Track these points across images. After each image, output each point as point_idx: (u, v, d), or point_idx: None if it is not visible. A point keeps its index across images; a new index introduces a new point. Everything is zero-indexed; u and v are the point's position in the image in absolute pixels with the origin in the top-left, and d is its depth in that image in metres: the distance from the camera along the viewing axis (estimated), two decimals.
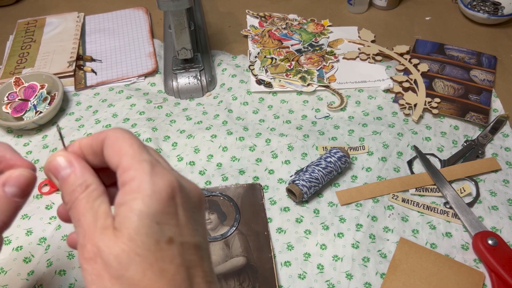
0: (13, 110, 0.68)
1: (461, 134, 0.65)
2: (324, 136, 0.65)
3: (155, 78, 0.76)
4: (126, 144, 0.28)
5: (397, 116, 0.68)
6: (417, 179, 0.59)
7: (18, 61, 0.79)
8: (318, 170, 0.57)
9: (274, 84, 0.73)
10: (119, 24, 0.87)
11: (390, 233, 0.55)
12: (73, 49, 0.80)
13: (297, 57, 0.77)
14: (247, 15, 0.87)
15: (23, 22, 0.88)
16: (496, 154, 0.62)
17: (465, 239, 0.54)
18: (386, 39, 0.81)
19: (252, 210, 0.56)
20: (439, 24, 0.84)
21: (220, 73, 0.76)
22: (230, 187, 0.59)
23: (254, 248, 0.53)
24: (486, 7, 0.84)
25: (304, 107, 0.70)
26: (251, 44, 0.80)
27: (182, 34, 0.67)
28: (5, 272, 0.53)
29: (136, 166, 0.27)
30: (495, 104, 0.69)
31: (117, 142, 0.28)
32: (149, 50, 0.80)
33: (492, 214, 0.56)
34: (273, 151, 0.63)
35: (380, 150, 0.63)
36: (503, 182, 0.59)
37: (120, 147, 0.28)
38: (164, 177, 0.27)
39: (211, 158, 0.63)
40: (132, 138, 0.28)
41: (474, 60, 0.75)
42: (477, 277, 0.50)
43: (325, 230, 0.55)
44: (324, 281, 0.51)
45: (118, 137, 0.28)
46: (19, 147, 0.67)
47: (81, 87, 0.75)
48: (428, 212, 0.56)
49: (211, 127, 0.67)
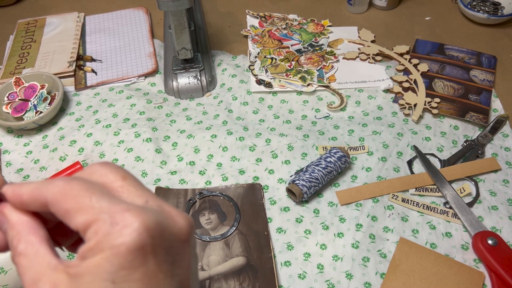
0: (13, 110, 0.68)
1: (461, 134, 0.65)
2: (324, 136, 0.65)
3: (155, 78, 0.76)
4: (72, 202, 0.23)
5: (397, 116, 0.68)
6: (417, 179, 0.59)
7: (18, 61, 0.79)
8: (318, 170, 0.58)
9: (274, 84, 0.73)
10: (119, 24, 0.87)
11: (390, 233, 0.55)
12: (73, 49, 0.81)
13: (297, 57, 0.77)
14: (247, 15, 0.87)
15: (23, 22, 0.88)
16: (496, 154, 0.62)
17: (465, 239, 0.54)
18: (386, 39, 0.81)
19: (252, 210, 0.56)
20: (439, 24, 0.84)
21: (220, 73, 0.76)
22: (230, 187, 0.59)
23: (254, 248, 0.53)
24: (486, 7, 0.84)
25: (304, 107, 0.70)
26: (251, 44, 0.81)
27: (182, 34, 0.67)
28: (5, 272, 0.53)
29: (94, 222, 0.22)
30: (495, 104, 0.69)
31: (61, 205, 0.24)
32: (149, 50, 0.80)
33: (492, 214, 0.56)
34: (273, 151, 0.63)
35: (380, 150, 0.63)
36: (503, 182, 0.59)
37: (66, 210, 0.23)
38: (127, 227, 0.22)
39: (211, 158, 0.63)
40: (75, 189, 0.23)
41: (474, 60, 0.75)
42: (477, 277, 0.50)
43: (325, 230, 0.55)
44: (324, 281, 0.51)
45: (59, 198, 0.24)
46: (19, 147, 0.67)
47: (81, 87, 0.75)
48: (428, 212, 0.56)
49: (211, 127, 0.67)
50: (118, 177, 0.25)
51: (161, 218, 0.23)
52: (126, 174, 0.25)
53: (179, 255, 0.24)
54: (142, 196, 0.24)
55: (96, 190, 0.23)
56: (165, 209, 0.24)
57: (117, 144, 0.65)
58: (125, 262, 0.22)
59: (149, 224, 0.22)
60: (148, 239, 0.22)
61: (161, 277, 0.23)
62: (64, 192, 0.24)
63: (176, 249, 0.24)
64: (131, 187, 0.25)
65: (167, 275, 0.23)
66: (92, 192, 0.23)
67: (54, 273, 0.23)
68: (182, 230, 0.24)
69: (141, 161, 0.63)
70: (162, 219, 0.23)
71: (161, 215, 0.23)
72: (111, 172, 0.25)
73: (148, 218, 0.22)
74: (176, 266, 0.24)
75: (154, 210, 0.23)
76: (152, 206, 0.24)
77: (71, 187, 0.24)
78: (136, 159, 0.63)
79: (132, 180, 0.25)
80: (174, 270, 0.24)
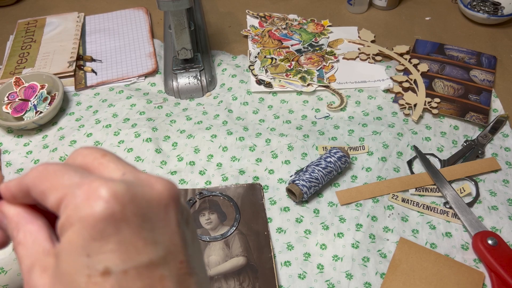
0: (13, 110, 0.68)
1: (461, 134, 0.65)
2: (324, 136, 0.65)
3: (155, 78, 0.76)
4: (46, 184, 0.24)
5: (397, 116, 0.68)
6: (417, 179, 0.59)
7: (18, 61, 0.79)
8: (318, 170, 0.58)
9: (274, 84, 0.73)
10: (119, 24, 0.87)
11: (390, 233, 0.55)
12: (73, 49, 0.81)
13: (297, 57, 0.77)
14: (247, 15, 0.87)
15: (23, 22, 0.88)
16: (496, 154, 0.62)
17: (465, 239, 0.54)
18: (386, 39, 0.81)
19: (252, 210, 0.56)
20: (439, 24, 0.84)
21: (220, 73, 0.76)
22: (230, 187, 0.59)
23: (254, 248, 0.53)
24: (486, 7, 0.84)
25: (304, 107, 0.70)
26: (251, 44, 0.81)
27: (182, 34, 0.67)
28: (5, 272, 0.53)
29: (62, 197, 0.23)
30: (495, 104, 0.69)
31: (38, 187, 0.24)
32: (149, 50, 0.80)
33: (492, 214, 0.56)
34: (273, 151, 0.63)
35: (380, 150, 0.63)
36: (503, 182, 0.59)
37: (42, 191, 0.24)
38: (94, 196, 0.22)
39: (211, 158, 0.63)
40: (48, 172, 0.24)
41: (474, 60, 0.75)
42: (477, 277, 0.50)
43: (325, 230, 0.55)
44: (324, 281, 0.51)
45: (36, 182, 0.24)
46: (19, 147, 0.67)
47: (81, 87, 0.75)
48: (428, 212, 0.56)
49: (211, 127, 0.67)
50: (98, 155, 0.25)
51: (133, 185, 0.23)
52: (106, 153, 0.25)
53: (159, 221, 0.23)
54: (120, 170, 0.24)
55: (70, 169, 0.24)
56: (141, 177, 0.24)
57: (117, 144, 0.65)
58: (96, 233, 0.21)
59: (117, 191, 0.22)
60: (117, 207, 0.22)
61: (141, 244, 0.22)
62: (40, 175, 0.24)
63: (155, 215, 0.23)
64: (110, 163, 0.25)
65: (148, 242, 0.22)
66: (65, 171, 0.24)
67: (46, 258, 0.24)
68: (160, 194, 0.24)
69: (141, 161, 0.63)
70: (135, 186, 0.23)
71: (134, 183, 0.23)
72: (91, 152, 0.25)
73: (117, 186, 0.22)
74: (157, 233, 0.23)
75: (128, 180, 0.23)
76: (129, 177, 0.24)
77: (47, 169, 0.24)
78: (136, 159, 0.63)
79: (112, 157, 0.25)
80: (156, 237, 0.23)
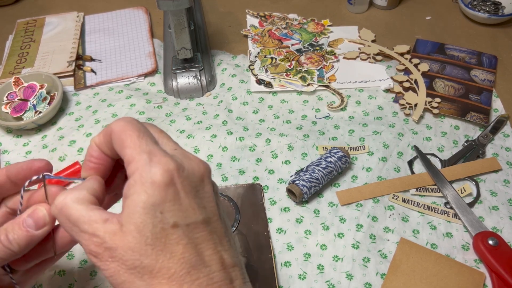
0: (13, 110, 0.68)
1: (461, 134, 0.65)
2: (324, 136, 0.65)
3: (155, 78, 0.76)
4: (127, 136, 0.30)
5: (397, 116, 0.68)
6: (418, 179, 0.59)
7: (17, 61, 0.79)
8: (318, 170, 0.57)
9: (274, 84, 0.72)
10: (118, 24, 0.87)
11: (390, 233, 0.54)
12: (72, 49, 0.80)
13: (297, 57, 0.77)
14: (247, 15, 0.87)
15: (22, 22, 0.88)
16: (497, 154, 0.62)
17: (466, 239, 0.54)
18: (386, 39, 0.81)
19: (252, 210, 0.56)
20: (439, 24, 0.84)
21: (220, 73, 0.76)
22: (230, 187, 0.59)
23: (254, 248, 0.53)
24: (487, 7, 0.84)
25: (304, 107, 0.70)
26: (251, 44, 0.80)
27: (182, 34, 0.67)
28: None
29: (136, 158, 0.29)
30: (496, 104, 0.69)
31: (120, 135, 0.30)
32: (149, 50, 0.80)
33: (493, 214, 0.56)
34: (273, 151, 0.63)
35: (381, 150, 0.63)
36: (504, 182, 0.59)
37: (122, 140, 0.30)
38: (161, 166, 0.28)
39: (211, 158, 0.63)
40: (131, 128, 0.30)
41: (474, 60, 0.75)
42: (478, 278, 0.50)
43: (325, 230, 0.55)
44: (324, 282, 0.51)
45: (120, 130, 0.30)
46: (19, 147, 0.67)
47: (81, 87, 0.75)
48: (429, 212, 0.56)
49: (211, 127, 0.67)
50: (157, 129, 0.33)
51: (184, 161, 0.30)
52: (161, 130, 0.33)
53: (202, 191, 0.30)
54: (172, 145, 0.32)
55: (147, 134, 0.30)
56: (187, 155, 0.31)
57: None
58: (167, 196, 0.28)
59: (178, 164, 0.29)
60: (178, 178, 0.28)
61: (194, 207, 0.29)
62: (125, 129, 0.30)
63: (199, 186, 0.30)
64: (164, 139, 0.32)
65: (199, 207, 0.29)
66: (143, 134, 0.30)
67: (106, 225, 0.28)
68: (200, 170, 0.31)
69: None
70: (185, 162, 0.30)
71: (184, 159, 0.30)
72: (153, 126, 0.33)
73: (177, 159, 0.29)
74: (204, 200, 0.30)
75: (179, 156, 0.30)
76: (178, 152, 0.31)
77: (133, 124, 0.30)
78: None
79: (165, 134, 0.33)
80: (204, 203, 0.30)
